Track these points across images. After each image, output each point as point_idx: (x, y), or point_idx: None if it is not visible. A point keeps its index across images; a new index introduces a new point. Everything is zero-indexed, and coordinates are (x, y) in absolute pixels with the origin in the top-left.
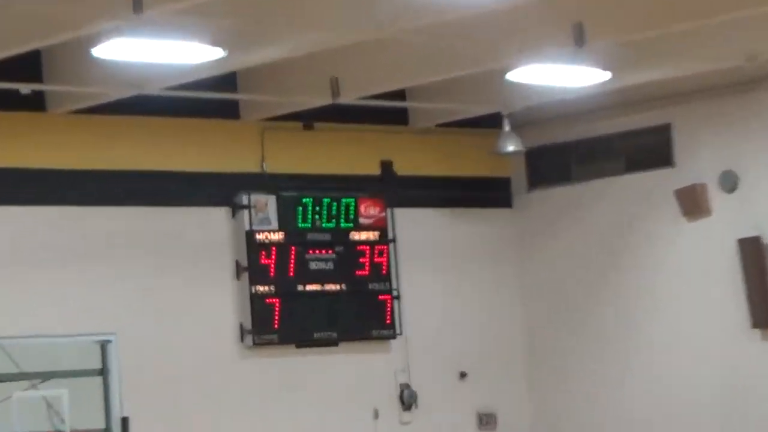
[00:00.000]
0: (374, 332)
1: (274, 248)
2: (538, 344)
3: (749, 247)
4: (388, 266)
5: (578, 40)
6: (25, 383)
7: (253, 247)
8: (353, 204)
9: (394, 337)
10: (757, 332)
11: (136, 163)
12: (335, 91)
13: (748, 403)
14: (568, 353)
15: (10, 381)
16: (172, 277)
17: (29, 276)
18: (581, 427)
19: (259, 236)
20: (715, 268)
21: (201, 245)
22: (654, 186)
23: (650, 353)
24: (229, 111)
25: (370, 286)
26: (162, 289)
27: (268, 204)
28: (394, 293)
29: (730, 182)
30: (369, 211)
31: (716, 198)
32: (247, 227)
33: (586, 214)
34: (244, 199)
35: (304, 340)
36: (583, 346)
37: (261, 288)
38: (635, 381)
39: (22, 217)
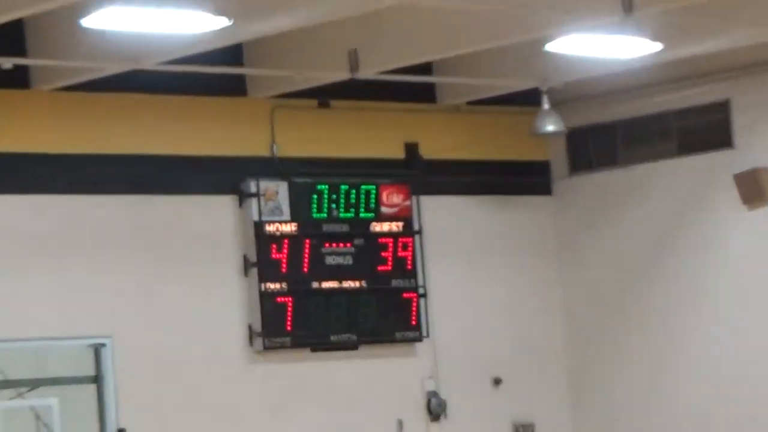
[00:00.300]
0: (398, 334)
1: (285, 241)
2: (579, 347)
3: None
4: (414, 261)
5: (626, 7)
6: (10, 392)
7: (263, 240)
8: (374, 191)
9: (420, 339)
10: None
11: (131, 147)
12: (354, 65)
13: None
14: (613, 357)
15: None
16: (172, 274)
17: (12, 272)
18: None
19: (270, 228)
20: None
21: (204, 238)
22: (710, 170)
23: (705, 357)
24: (234, 87)
25: (394, 283)
26: (161, 287)
27: (278, 192)
28: (420, 291)
29: None
30: (392, 199)
31: None
32: (256, 218)
33: (634, 202)
34: (252, 187)
35: (319, 344)
36: (630, 348)
37: (272, 285)
38: (688, 388)
39: (4, 206)
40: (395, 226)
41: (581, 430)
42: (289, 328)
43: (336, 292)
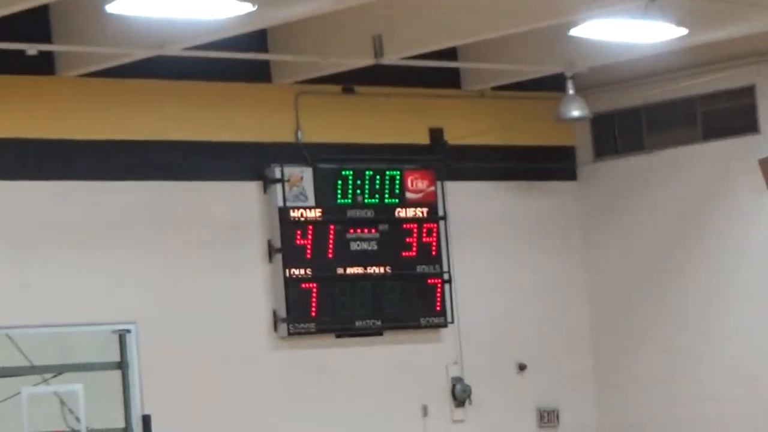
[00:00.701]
0: (423, 320)
1: (310, 227)
2: (605, 333)
3: None
4: (438, 246)
5: None
6: (36, 378)
7: (288, 225)
8: (399, 177)
9: (445, 325)
10: None
11: (155, 133)
12: (378, 51)
13: None
14: (638, 342)
15: (20, 375)
16: (196, 260)
17: (38, 259)
18: (652, 427)
19: (294, 213)
20: None
21: (229, 224)
22: (735, 155)
23: (732, 344)
24: (259, 73)
25: (418, 269)
26: (186, 273)
27: (303, 177)
28: (445, 276)
29: None
30: (417, 184)
31: None
32: (281, 204)
33: (659, 187)
34: (277, 172)
35: (344, 330)
36: (655, 334)
37: (296, 271)
38: (714, 374)
39: (29, 192)
40: (420, 212)
41: (606, 416)
42: (313, 314)
43: (360, 278)
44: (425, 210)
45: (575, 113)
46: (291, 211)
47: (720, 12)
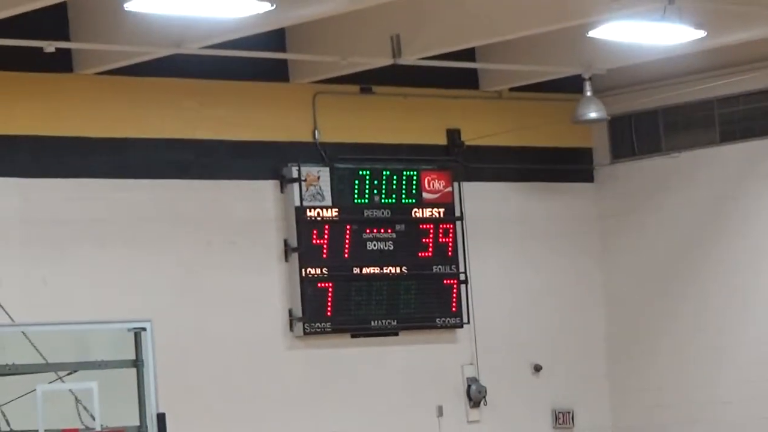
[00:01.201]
0: (438, 320)
1: (327, 226)
2: (620, 335)
3: None
4: (455, 247)
5: None
6: (50, 375)
7: (304, 225)
8: (416, 177)
9: (460, 326)
10: None
11: (172, 131)
12: (396, 51)
13: None
14: (655, 345)
15: (35, 373)
16: (213, 259)
17: (54, 256)
18: (668, 431)
19: (311, 213)
20: None
21: (246, 223)
22: (753, 158)
23: (750, 347)
24: (277, 73)
25: (435, 269)
26: (202, 271)
27: (320, 177)
28: (461, 277)
29: None
30: (433, 185)
31: None
32: (297, 203)
33: (677, 189)
34: (294, 172)
35: (360, 329)
36: (673, 337)
37: (312, 271)
38: (731, 377)
39: (46, 190)
40: (437, 212)
41: (621, 418)
42: (329, 313)
43: (377, 278)
44: (442, 210)
45: (593, 115)
46: (308, 210)
47: (738, 14)
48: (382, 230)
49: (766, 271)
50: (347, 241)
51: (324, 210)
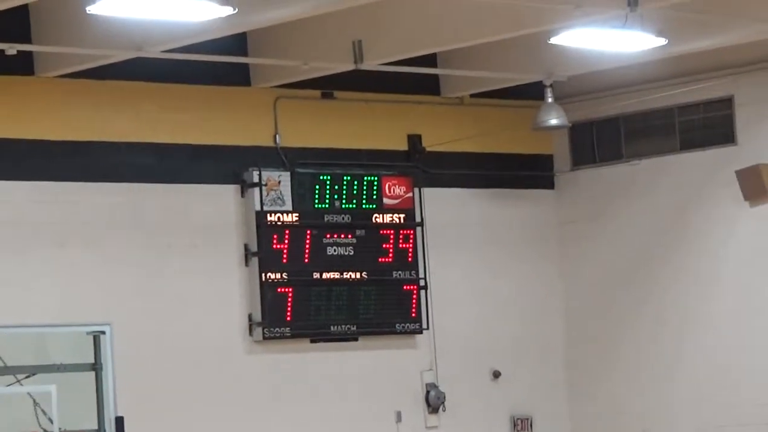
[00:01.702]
0: (398, 326)
1: (287, 231)
2: (579, 342)
3: None
4: (415, 253)
5: (631, 2)
6: (9, 378)
7: (264, 229)
8: (376, 183)
9: (420, 331)
10: None
11: (134, 135)
12: (358, 56)
13: None
14: (612, 351)
15: None
16: (173, 262)
17: (13, 259)
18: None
19: (271, 218)
20: None
21: (206, 227)
22: (713, 166)
23: (709, 355)
24: (238, 77)
25: (395, 275)
26: (162, 275)
27: (281, 182)
28: (421, 283)
29: None
30: (394, 190)
31: None
32: (258, 207)
33: (637, 196)
34: (255, 176)
35: (319, 335)
36: (630, 343)
37: (272, 275)
38: (688, 386)
39: (6, 192)
40: (397, 218)
41: (579, 424)
42: (289, 318)
43: (337, 283)
44: (402, 216)
45: (553, 122)
46: (268, 215)
47: (699, 23)
48: (343, 235)
49: (723, 278)
50: (307, 246)
51: (284, 215)
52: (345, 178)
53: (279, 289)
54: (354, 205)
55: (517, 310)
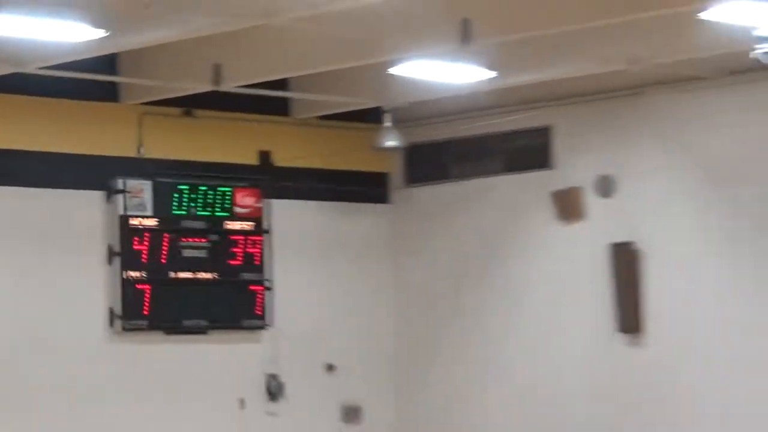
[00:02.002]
0: (244, 322)
1: (147, 234)
2: (407, 341)
3: (621, 253)
4: (262, 257)
5: (464, 38)
6: None
7: (127, 232)
8: (229, 193)
9: (264, 327)
10: (623, 337)
11: (10, 143)
12: (216, 78)
13: (612, 407)
14: (436, 352)
15: None
16: (40, 261)
17: None
18: (444, 426)
19: (133, 222)
20: (585, 272)
21: (74, 229)
22: (531, 187)
23: (516, 358)
24: (108, 94)
25: (243, 276)
26: (29, 273)
27: (143, 190)
28: (266, 284)
29: (606, 187)
30: (245, 200)
31: (591, 202)
32: (122, 212)
33: (463, 213)
34: (120, 184)
35: (173, 328)
36: (451, 346)
37: (133, 273)
38: (501, 384)
39: None
40: (247, 225)
41: (403, 413)
42: (146, 312)
43: (190, 282)
44: (252, 224)
45: (390, 143)
46: (130, 219)
47: (525, 59)
48: (197, 239)
49: (534, 289)
50: (165, 247)
51: (145, 219)
52: (201, 188)
53: (138, 286)
54: (208, 213)
55: (352, 312)
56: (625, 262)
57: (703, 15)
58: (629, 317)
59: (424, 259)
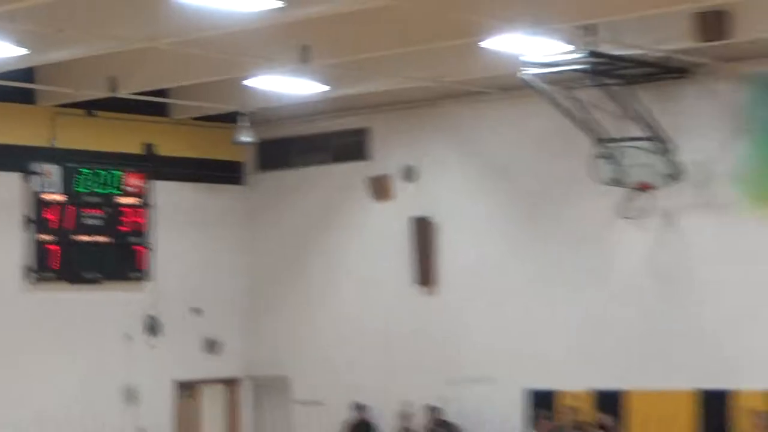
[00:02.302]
0: (131, 275)
1: (56, 207)
2: (257, 291)
3: (420, 225)
4: (146, 225)
5: (303, 59)
6: None
7: (40, 205)
8: (121, 176)
9: (146, 279)
10: (420, 288)
11: None
12: (113, 87)
13: (412, 336)
14: (280, 299)
15: None
16: None
17: None
18: (285, 354)
19: (45, 197)
20: (393, 238)
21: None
22: (353, 174)
23: (343, 301)
24: (27, 97)
25: (130, 240)
26: None
27: (53, 172)
28: (149, 246)
29: (410, 174)
30: (133, 182)
31: (398, 186)
32: (36, 189)
33: (301, 193)
34: (36, 168)
35: (76, 279)
36: (293, 294)
37: (44, 237)
38: (330, 321)
39: None
40: (134, 201)
41: (252, 345)
42: (54, 267)
43: (89, 244)
44: (138, 199)
45: (246, 139)
46: (43, 194)
47: (351, 75)
48: (96, 211)
49: (355, 251)
50: (69, 217)
51: (55, 195)
52: (99, 171)
53: (48, 246)
54: (104, 191)
55: (214, 269)
56: (423, 232)
57: (484, 44)
58: (425, 273)
59: (272, 228)
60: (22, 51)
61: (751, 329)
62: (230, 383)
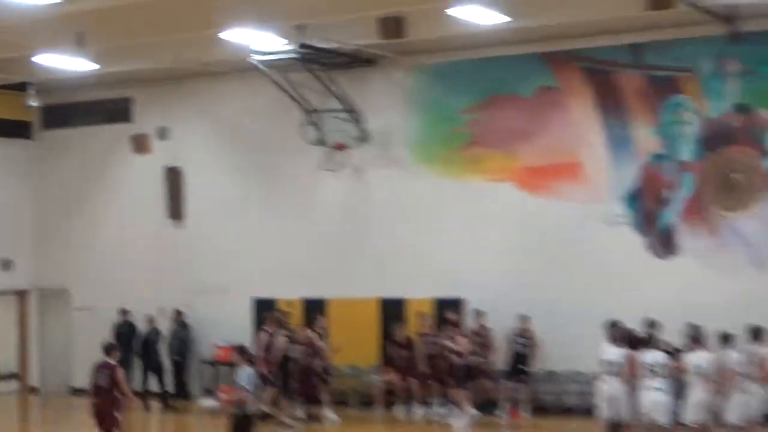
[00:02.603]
0: None
1: None
2: (45, 221)
3: (171, 173)
4: None
5: (80, 43)
6: None
7: None
8: None
9: None
10: (172, 221)
11: None
12: None
13: (164, 263)
14: (64, 227)
15: None
16: None
17: None
18: (68, 271)
19: None
20: (151, 184)
21: None
22: (119, 133)
23: (112, 231)
24: None
25: None
26: None
27: None
28: None
29: (163, 133)
30: None
31: (155, 143)
32: None
33: (78, 147)
34: None
35: None
36: (75, 225)
37: None
38: (100, 246)
39: None
40: None
41: (40, 264)
42: None
43: None
44: None
45: (34, 103)
46: None
47: (123, 56)
48: None
49: (120, 194)
50: None
51: None
52: None
53: None
54: None
55: (11, 206)
56: (174, 178)
57: (222, 35)
58: (175, 210)
59: (55, 174)
60: None
61: (420, 252)
62: (21, 294)
